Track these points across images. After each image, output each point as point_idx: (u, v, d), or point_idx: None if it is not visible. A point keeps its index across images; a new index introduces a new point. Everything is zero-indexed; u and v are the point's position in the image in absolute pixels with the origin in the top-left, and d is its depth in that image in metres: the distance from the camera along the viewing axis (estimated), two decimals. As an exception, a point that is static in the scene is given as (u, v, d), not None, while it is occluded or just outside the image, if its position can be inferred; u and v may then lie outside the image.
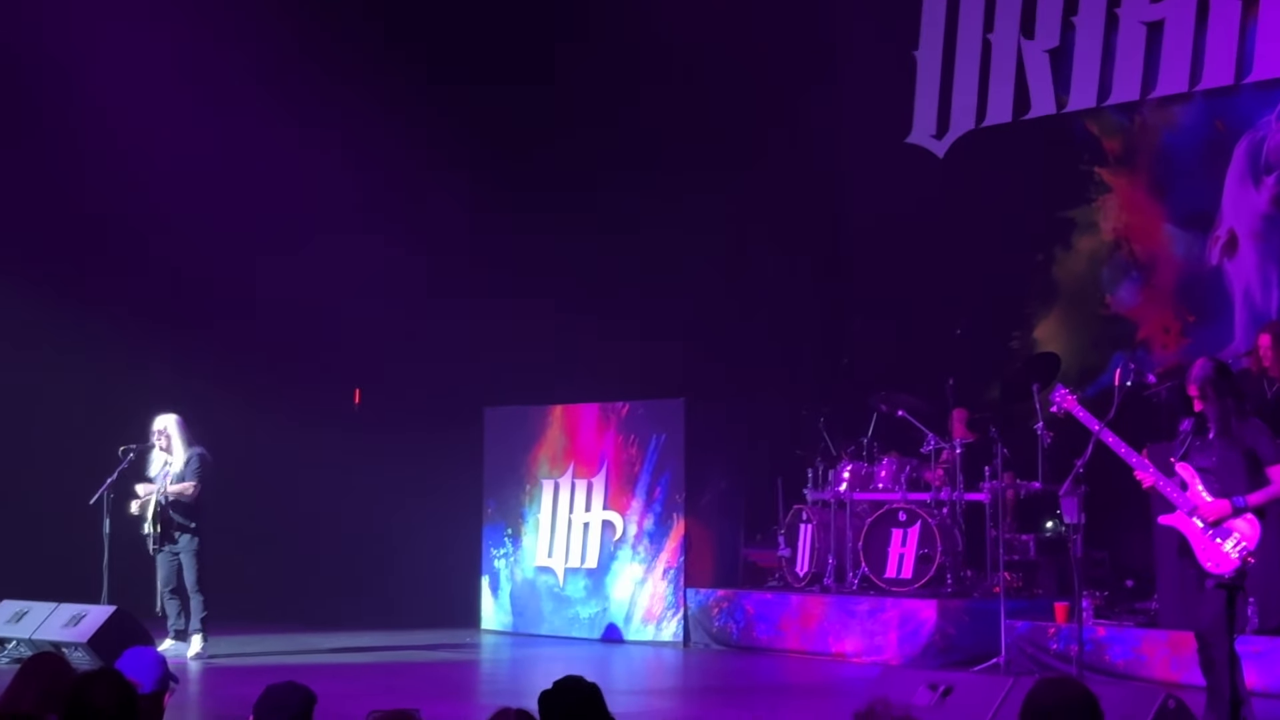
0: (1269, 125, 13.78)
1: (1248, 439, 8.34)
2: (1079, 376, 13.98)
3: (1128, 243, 14.78)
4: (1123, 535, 12.87)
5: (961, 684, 8.18)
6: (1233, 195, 14.05)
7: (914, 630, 12.75)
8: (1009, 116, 15.35)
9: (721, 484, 14.78)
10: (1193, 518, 8.33)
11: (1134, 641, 11.50)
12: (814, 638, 13.36)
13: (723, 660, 13.46)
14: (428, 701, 9.54)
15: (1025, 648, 11.94)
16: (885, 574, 13.23)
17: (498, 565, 15.84)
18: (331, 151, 16.37)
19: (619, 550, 14.92)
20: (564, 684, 4.74)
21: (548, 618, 15.35)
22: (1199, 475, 8.37)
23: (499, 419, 16.05)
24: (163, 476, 13.03)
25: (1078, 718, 4.40)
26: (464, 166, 16.62)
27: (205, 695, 11.15)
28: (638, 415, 14.98)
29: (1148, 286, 14.65)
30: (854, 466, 13.86)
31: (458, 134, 16.66)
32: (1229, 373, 8.51)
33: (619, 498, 14.97)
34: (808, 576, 13.87)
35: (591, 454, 15.23)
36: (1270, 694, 10.44)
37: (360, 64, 16.55)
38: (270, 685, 5.54)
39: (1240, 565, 8.16)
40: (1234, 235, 14.07)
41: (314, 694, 5.54)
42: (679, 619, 14.35)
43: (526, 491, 15.68)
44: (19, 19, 15.54)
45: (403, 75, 16.71)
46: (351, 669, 12.55)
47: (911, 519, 13.17)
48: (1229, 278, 14.11)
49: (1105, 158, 14.90)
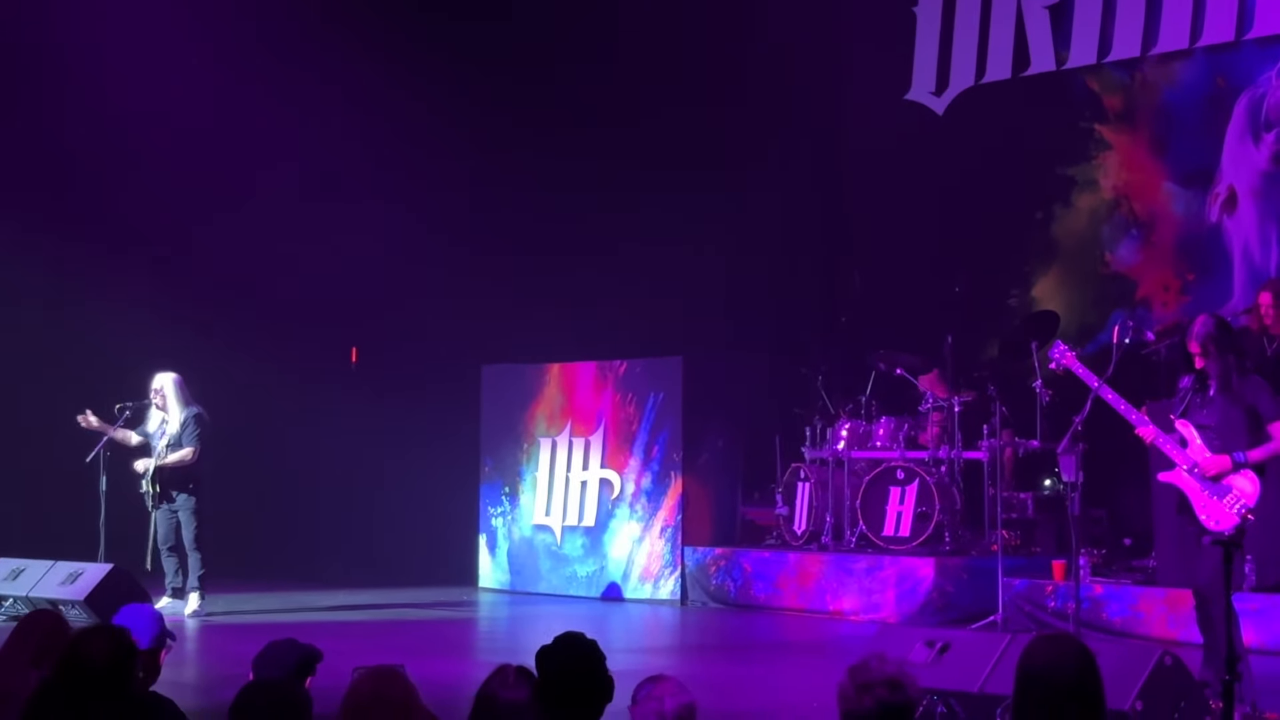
0: (1269, 82, 13.71)
1: (1248, 396, 8.32)
2: (1078, 335, 13.94)
3: (1127, 200, 14.72)
4: (1121, 493, 12.86)
5: (958, 641, 8.16)
6: (1232, 152, 13.98)
7: (912, 588, 12.75)
8: (1009, 73, 15.26)
9: (719, 442, 14.76)
10: (1192, 474, 8.30)
11: (1131, 599, 11.50)
12: (812, 596, 13.36)
13: (720, 618, 13.46)
14: (424, 659, 9.54)
15: (1023, 605, 11.94)
16: (883, 532, 13.23)
17: (495, 524, 15.83)
18: (331, 108, 16.31)
19: (617, 509, 14.91)
20: (563, 640, 4.71)
21: (545, 576, 15.35)
22: (1199, 432, 8.35)
23: (496, 377, 16.02)
24: (159, 435, 13.03)
25: (1073, 674, 4.37)
26: (464, 123, 16.56)
27: (202, 652, 11.15)
28: (635, 373, 14.95)
29: (1147, 244, 14.59)
30: (852, 425, 13.83)
31: (457, 90, 16.58)
32: (1230, 329, 8.48)
33: (616, 456, 14.95)
34: (805, 535, 13.86)
35: (589, 412, 15.21)
36: (1267, 651, 10.43)
37: (356, 18, 16.45)
38: (272, 641, 5.54)
39: (1239, 523, 8.15)
40: (1234, 192, 14.01)
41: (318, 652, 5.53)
42: (676, 577, 14.35)
43: (524, 450, 15.66)
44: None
45: (399, 27, 16.61)
46: (348, 627, 12.54)
47: (910, 477, 13.16)
48: (1228, 235, 14.06)
49: (1105, 115, 14.83)
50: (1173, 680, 7.34)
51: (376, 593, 14.72)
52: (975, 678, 7.71)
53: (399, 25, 16.63)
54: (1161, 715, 7.24)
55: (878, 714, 4.25)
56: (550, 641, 4.76)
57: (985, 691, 7.56)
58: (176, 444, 12.97)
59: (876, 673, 4.28)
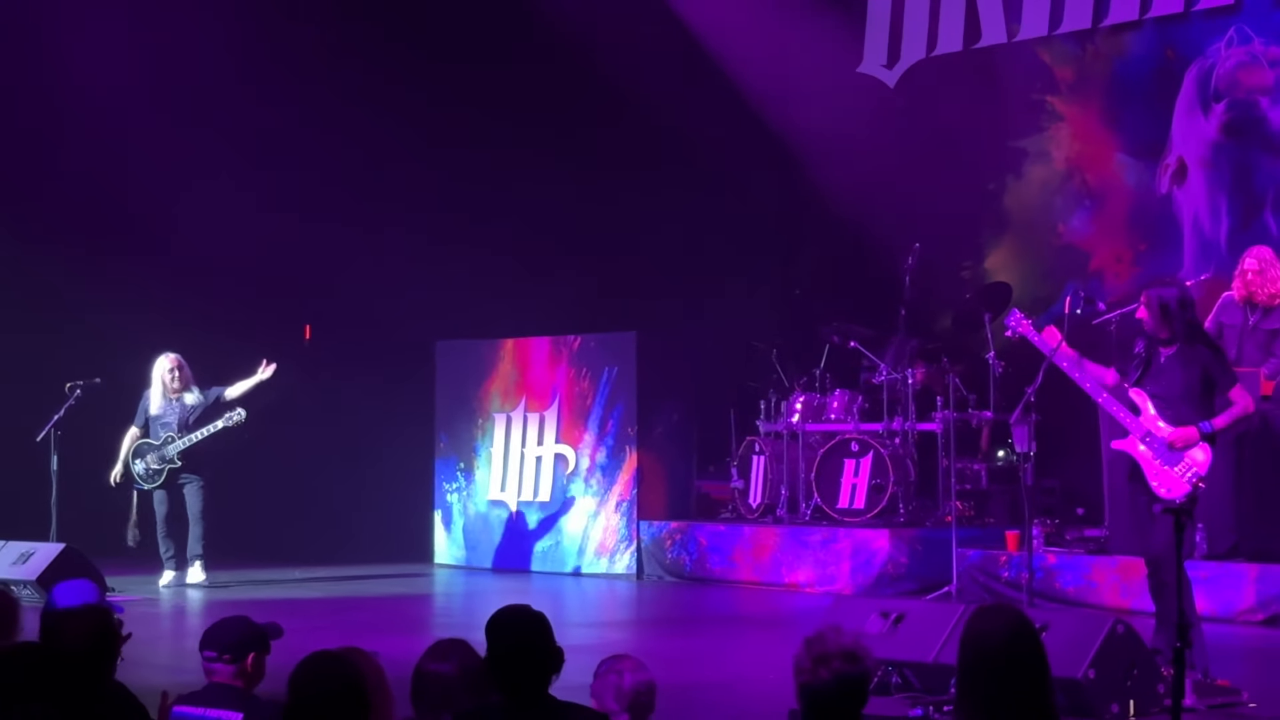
0: (1218, 53, 13.75)
1: (1200, 363, 8.36)
2: (1031, 306, 13.93)
3: (1079, 172, 14.77)
4: (1073, 463, 12.92)
5: (913, 612, 8.20)
6: (1182, 123, 14.04)
7: (866, 560, 12.80)
8: (960, 46, 15.28)
9: (674, 416, 14.76)
10: (1145, 442, 8.34)
11: (1084, 568, 11.58)
12: (767, 569, 13.39)
13: (676, 592, 13.48)
14: (379, 636, 9.53)
15: (977, 576, 12.01)
16: (838, 504, 13.27)
17: (450, 499, 15.81)
18: (280, 81, 16.18)
19: (572, 483, 14.90)
20: (509, 611, 4.70)
21: (501, 552, 15.33)
22: (1152, 400, 8.39)
23: (451, 353, 15.98)
24: (174, 413, 13.47)
25: (1014, 642, 4.39)
26: (418, 97, 16.48)
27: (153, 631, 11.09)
28: (590, 348, 14.94)
29: (1100, 215, 14.65)
30: (806, 398, 13.86)
31: (407, 64, 16.49)
32: (1184, 298, 8.50)
33: (571, 431, 14.94)
34: (760, 508, 13.89)
35: (544, 387, 15.19)
36: (1218, 618, 10.52)
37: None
38: (224, 618, 5.52)
39: (1191, 491, 8.20)
40: (1183, 163, 14.06)
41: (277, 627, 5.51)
42: (632, 551, 14.36)
43: (479, 425, 15.63)
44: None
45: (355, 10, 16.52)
46: (303, 603, 12.51)
47: (864, 449, 13.19)
48: (1178, 206, 14.12)
49: (1056, 86, 14.86)
50: (1125, 648, 7.39)
51: (331, 569, 14.68)
52: (929, 648, 7.75)
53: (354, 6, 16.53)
54: (1114, 683, 7.30)
55: (835, 686, 4.25)
56: (496, 613, 4.74)
57: (939, 661, 7.60)
58: (200, 420, 13.45)
59: (833, 645, 4.28)
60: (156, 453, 13.48)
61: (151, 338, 14.14)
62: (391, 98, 16.47)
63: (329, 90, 16.39)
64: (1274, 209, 13.53)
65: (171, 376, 13.53)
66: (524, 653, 4.56)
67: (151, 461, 13.48)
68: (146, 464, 13.50)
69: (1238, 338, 11.20)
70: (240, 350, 15.93)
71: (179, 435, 13.45)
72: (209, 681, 5.34)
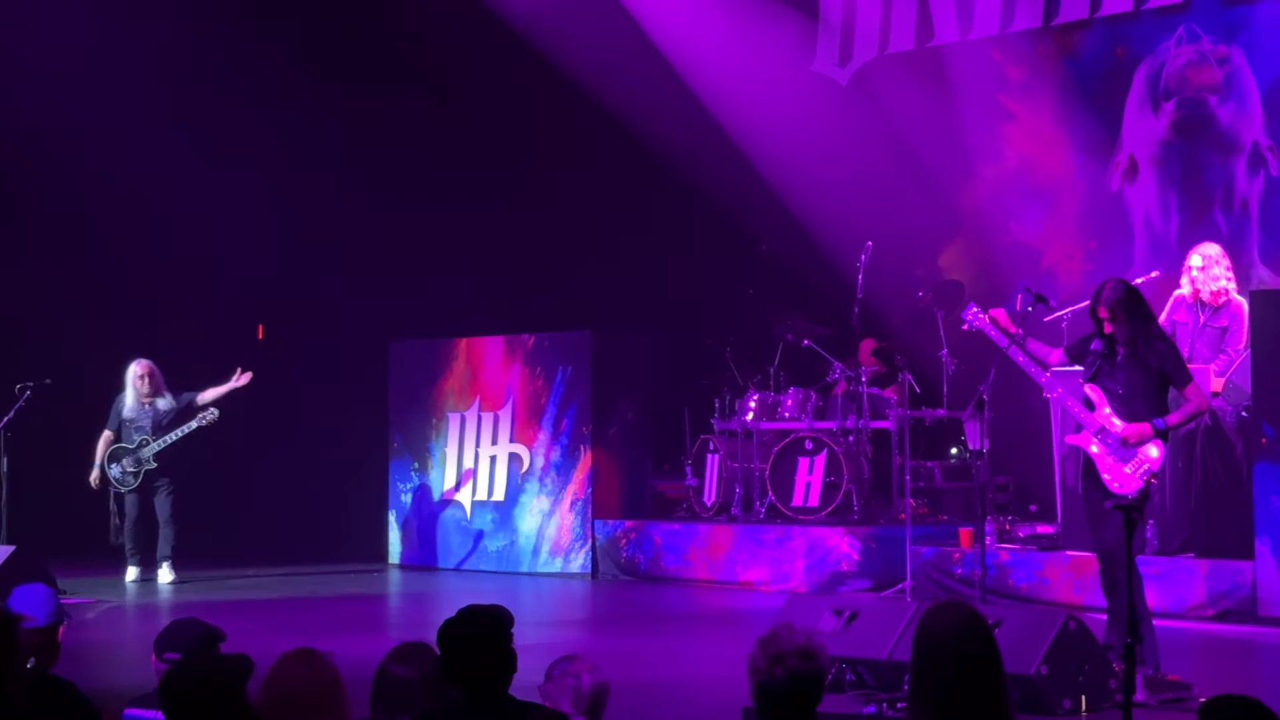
0: (1168, 51, 13.84)
1: (1155, 361, 8.41)
2: (983, 304, 13.98)
3: (1031, 169, 14.82)
4: (1026, 460, 12.99)
5: (866, 609, 8.23)
6: (1132, 121, 14.12)
7: (821, 558, 12.82)
8: (911, 44, 15.32)
9: (628, 415, 14.75)
10: (1099, 437, 8.39)
11: (1036, 565, 11.63)
12: (721, 567, 13.40)
13: (631, 591, 13.48)
14: (335, 636, 9.49)
15: (931, 573, 12.05)
16: (792, 502, 13.29)
17: (405, 499, 15.76)
18: (233, 83, 16.09)
19: (526, 483, 14.88)
20: (465, 613, 4.67)
21: (455, 551, 15.30)
22: (1107, 396, 8.43)
23: (405, 353, 15.94)
24: (148, 417, 13.76)
25: (966, 639, 4.40)
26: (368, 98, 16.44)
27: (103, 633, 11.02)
28: (544, 347, 14.92)
29: (1051, 213, 14.71)
30: (760, 396, 13.88)
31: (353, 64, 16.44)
32: (1138, 295, 8.56)
33: (526, 430, 14.92)
34: (715, 506, 13.90)
35: (497, 387, 15.16)
36: (1169, 614, 10.59)
37: None
38: (175, 620, 5.51)
39: (1143, 486, 8.25)
40: (1134, 161, 14.15)
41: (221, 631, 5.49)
42: (587, 550, 14.35)
43: (433, 425, 15.59)
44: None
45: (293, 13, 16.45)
46: (257, 604, 12.46)
47: (818, 447, 13.22)
48: (1129, 203, 14.21)
49: (1008, 85, 14.92)
50: (1077, 644, 7.44)
51: (286, 569, 14.62)
52: (883, 645, 7.78)
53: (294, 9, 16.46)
54: (1066, 679, 7.34)
55: (789, 684, 4.27)
56: (454, 615, 4.72)
57: (893, 659, 7.63)
58: (173, 423, 13.74)
59: (787, 643, 4.29)
60: (132, 456, 13.76)
61: (103, 339, 14.06)
62: (341, 99, 16.39)
63: (281, 91, 16.28)
64: (1223, 206, 13.63)
65: (142, 382, 13.81)
66: (480, 655, 4.53)
67: (128, 465, 13.77)
68: (123, 467, 13.77)
69: (1190, 336, 11.28)
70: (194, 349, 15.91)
71: (153, 438, 13.71)
72: (158, 683, 5.30)
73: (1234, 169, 13.58)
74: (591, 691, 5.16)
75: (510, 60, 16.27)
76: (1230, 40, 13.53)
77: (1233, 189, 13.59)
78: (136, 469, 13.76)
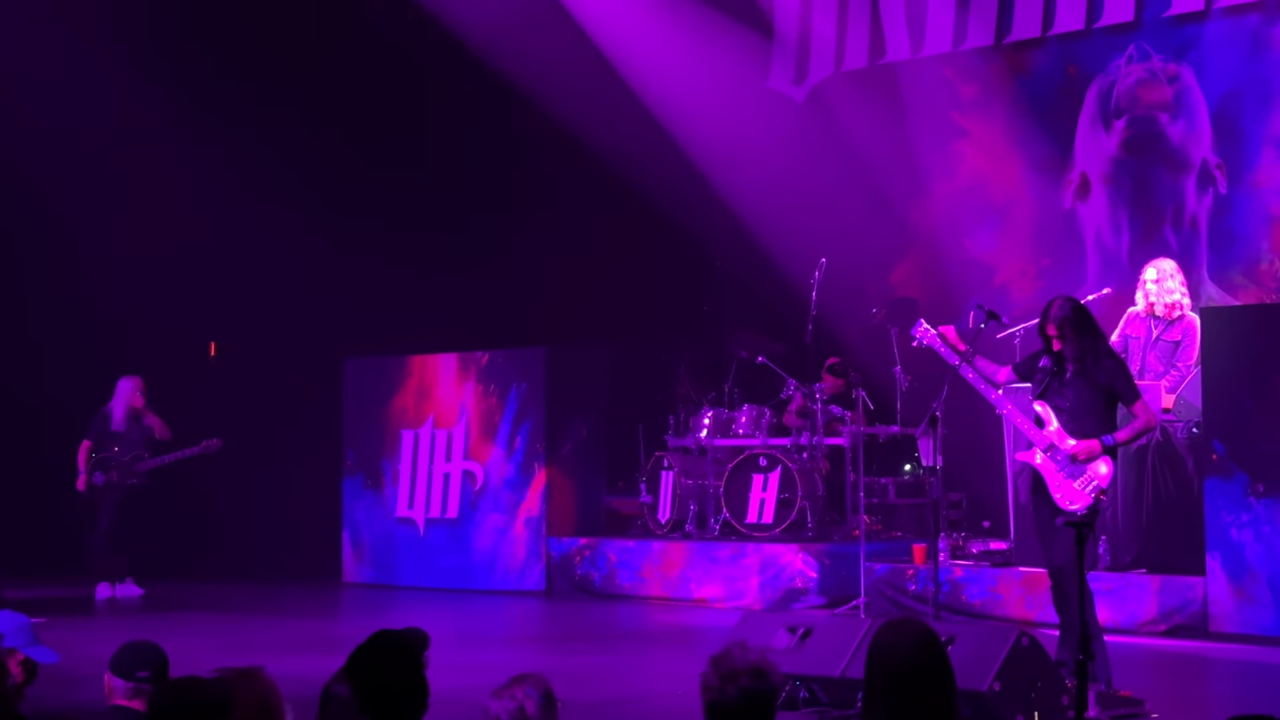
0: (1119, 69, 13.93)
1: (1104, 378, 8.45)
2: (937, 321, 14.02)
3: (984, 187, 14.89)
4: (979, 477, 13.02)
5: (820, 626, 8.23)
6: (1084, 139, 14.20)
7: (775, 575, 12.82)
8: (865, 62, 15.38)
9: (583, 432, 14.74)
10: (1049, 454, 8.42)
11: (990, 581, 11.65)
12: (676, 584, 13.39)
13: (585, 608, 13.45)
14: (284, 656, 9.42)
15: (885, 590, 12.06)
16: (746, 519, 13.28)
17: (358, 517, 15.69)
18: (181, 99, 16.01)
19: (480, 500, 14.84)
20: (377, 639, 4.58)
21: (408, 569, 15.24)
22: (1056, 413, 8.47)
23: (358, 370, 15.89)
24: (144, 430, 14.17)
25: (919, 656, 4.40)
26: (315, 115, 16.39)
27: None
28: (498, 364, 14.89)
29: (1004, 230, 14.78)
30: (714, 413, 13.88)
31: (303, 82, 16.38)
32: (1086, 312, 8.60)
33: (479, 447, 14.88)
34: (669, 523, 13.88)
35: (451, 404, 15.12)
36: (1121, 629, 10.63)
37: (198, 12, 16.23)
38: (128, 641, 5.45)
39: (1093, 503, 8.28)
40: (1086, 178, 14.23)
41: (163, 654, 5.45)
42: (541, 568, 14.31)
43: (387, 443, 15.53)
44: None
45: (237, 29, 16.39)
46: (208, 623, 12.37)
47: (772, 464, 13.22)
48: (1081, 221, 14.29)
49: (961, 102, 14.99)
50: (1029, 660, 7.44)
51: (238, 587, 14.53)
52: (837, 662, 7.77)
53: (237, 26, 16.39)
54: (1019, 695, 7.34)
55: (741, 703, 4.25)
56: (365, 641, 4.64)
57: (846, 676, 7.62)
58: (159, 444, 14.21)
59: (739, 661, 4.28)
60: (123, 469, 14.06)
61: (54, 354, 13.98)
62: (290, 118, 16.33)
63: (234, 112, 16.21)
64: (1173, 224, 13.72)
65: (139, 399, 14.22)
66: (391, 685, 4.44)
67: (116, 475, 14.04)
68: (109, 477, 14.04)
69: (1142, 350, 11.35)
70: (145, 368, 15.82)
71: (148, 454, 14.12)
72: (110, 703, 5.27)
73: (1184, 187, 13.68)
74: (538, 714, 5.10)
75: (464, 78, 16.25)
76: (1180, 59, 13.63)
77: (1183, 206, 13.68)
78: (123, 481, 14.04)
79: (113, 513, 14.07)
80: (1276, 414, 10.28)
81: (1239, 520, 10.40)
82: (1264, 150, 13.24)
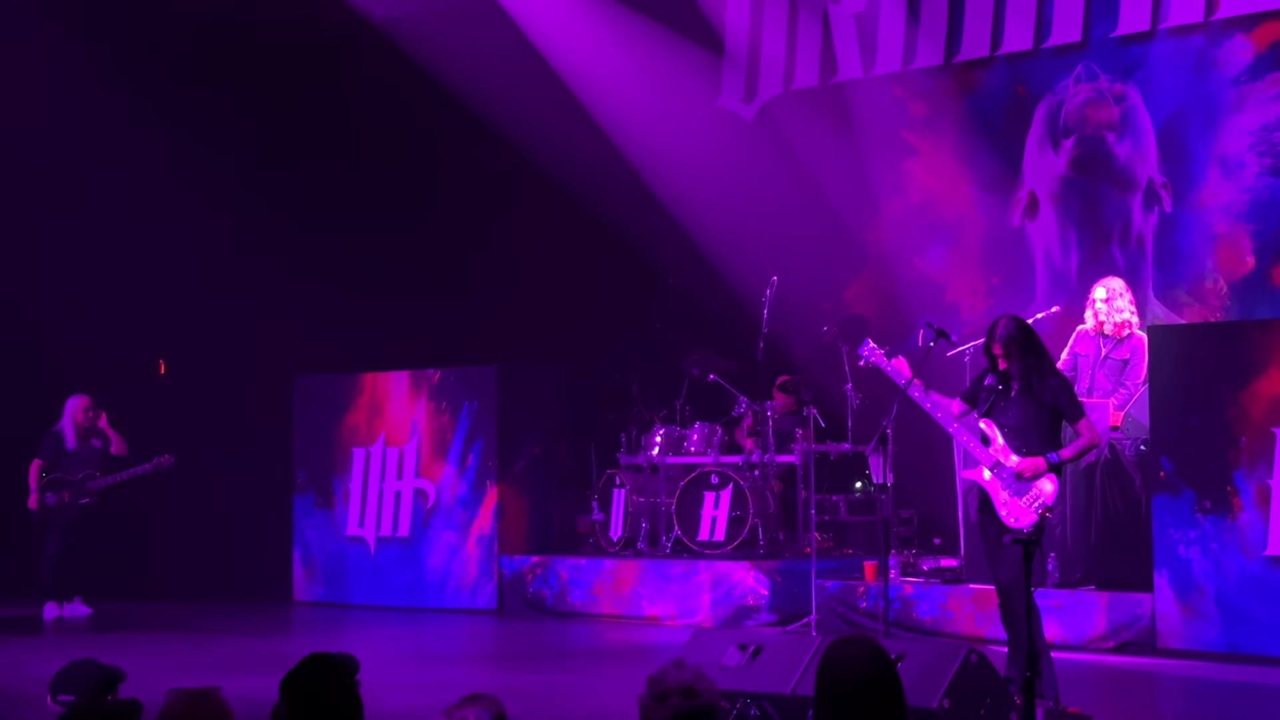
0: (1067, 89, 14.03)
1: (1049, 396, 8.51)
2: (889, 339, 14.08)
3: (934, 205, 14.96)
4: (929, 494, 13.07)
5: (771, 644, 8.23)
6: (1033, 158, 14.30)
7: (726, 592, 12.84)
8: (816, 80, 15.44)
9: (535, 450, 14.73)
10: (995, 472, 8.47)
11: (940, 598, 11.70)
12: (627, 602, 13.39)
13: (536, 626, 13.43)
14: (235, 675, 9.38)
15: (836, 607, 12.09)
16: (698, 537, 13.30)
17: (309, 535, 15.62)
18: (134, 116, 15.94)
19: (432, 518, 14.80)
20: (308, 664, 4.59)
21: (359, 587, 15.18)
22: (1001, 431, 8.52)
23: (309, 388, 15.84)
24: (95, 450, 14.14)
25: (869, 673, 4.42)
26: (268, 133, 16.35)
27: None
28: (449, 382, 14.87)
29: (954, 248, 14.85)
30: (666, 430, 13.90)
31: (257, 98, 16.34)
32: (1031, 331, 8.68)
33: (431, 465, 14.85)
34: (621, 541, 13.88)
35: (403, 422, 15.09)
36: (1069, 646, 10.70)
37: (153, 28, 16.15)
38: (72, 661, 5.43)
39: (1038, 520, 8.33)
40: (1034, 197, 14.33)
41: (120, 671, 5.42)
42: (493, 586, 14.29)
43: (337, 460, 15.48)
44: None
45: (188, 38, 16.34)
46: (157, 642, 12.29)
47: (724, 482, 13.24)
48: (1030, 239, 14.38)
49: (911, 121, 15.06)
50: (978, 677, 7.47)
51: (187, 607, 14.45)
52: (787, 680, 7.78)
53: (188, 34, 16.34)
54: (968, 712, 7.37)
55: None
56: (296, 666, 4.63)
57: (797, 693, 7.63)
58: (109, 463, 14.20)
59: (672, 680, 4.28)
60: (75, 488, 14.03)
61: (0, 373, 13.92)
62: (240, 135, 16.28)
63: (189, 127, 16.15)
64: (1120, 242, 13.82)
65: (85, 417, 14.14)
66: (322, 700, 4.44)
67: (68, 495, 14.01)
68: (60, 497, 14.02)
69: (1091, 368, 11.43)
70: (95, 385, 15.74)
71: (98, 472, 14.10)
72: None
73: (1131, 205, 13.79)
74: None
75: (414, 95, 16.23)
76: (1127, 79, 13.75)
77: (1130, 225, 13.79)
78: (75, 500, 14.02)
79: (62, 533, 14.02)
80: (1223, 431, 10.37)
81: (1186, 537, 10.49)
82: (1209, 169, 13.36)
